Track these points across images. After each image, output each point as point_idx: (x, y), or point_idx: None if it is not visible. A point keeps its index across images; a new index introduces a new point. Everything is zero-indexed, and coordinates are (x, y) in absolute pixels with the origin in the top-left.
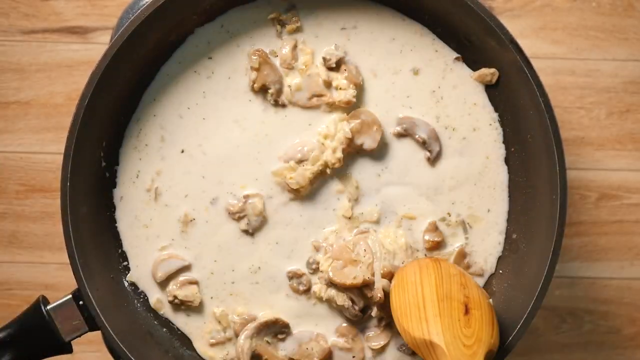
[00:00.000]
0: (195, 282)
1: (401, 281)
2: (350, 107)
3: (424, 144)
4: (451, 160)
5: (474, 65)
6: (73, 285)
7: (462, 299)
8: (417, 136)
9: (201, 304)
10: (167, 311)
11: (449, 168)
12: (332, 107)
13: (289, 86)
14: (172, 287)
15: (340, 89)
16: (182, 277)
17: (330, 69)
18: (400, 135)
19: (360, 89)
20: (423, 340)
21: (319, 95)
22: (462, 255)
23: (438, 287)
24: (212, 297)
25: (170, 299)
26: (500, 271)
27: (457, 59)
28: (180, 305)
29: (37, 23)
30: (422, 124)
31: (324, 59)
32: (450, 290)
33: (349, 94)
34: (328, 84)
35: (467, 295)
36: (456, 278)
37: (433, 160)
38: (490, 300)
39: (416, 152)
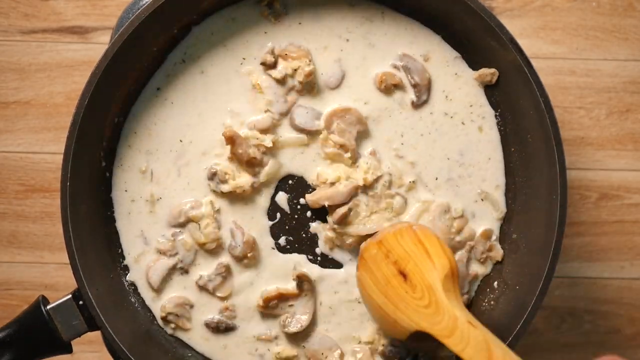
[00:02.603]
0: (191, 305)
1: (366, 306)
2: (312, 82)
3: (414, 87)
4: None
5: (474, 65)
6: (73, 285)
7: (394, 270)
8: (410, 77)
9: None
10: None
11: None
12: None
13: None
14: (167, 303)
15: (295, 70)
16: (177, 294)
17: (272, 66)
18: (391, 86)
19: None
20: (408, 337)
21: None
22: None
23: (376, 284)
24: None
25: (163, 315)
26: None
27: (456, 58)
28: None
29: (36, 23)
30: (420, 68)
31: (263, 64)
32: (383, 274)
33: (305, 66)
34: (284, 80)
35: (394, 262)
36: (379, 255)
37: (417, 105)
38: (412, 225)
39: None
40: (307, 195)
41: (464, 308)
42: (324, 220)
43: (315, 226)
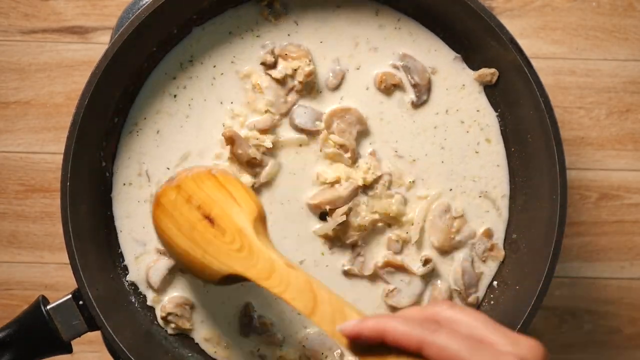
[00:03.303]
0: (192, 305)
1: (169, 253)
2: (312, 82)
3: (414, 87)
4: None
5: (474, 65)
6: (73, 285)
7: (199, 216)
8: (410, 77)
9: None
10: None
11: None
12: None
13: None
14: (167, 303)
15: (295, 70)
16: (177, 294)
17: (272, 66)
18: (391, 86)
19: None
20: (220, 280)
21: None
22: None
23: (179, 229)
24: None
25: (163, 315)
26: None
27: (456, 58)
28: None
29: (36, 23)
30: (420, 68)
31: (263, 63)
32: (187, 218)
33: (305, 66)
34: (284, 81)
35: (197, 206)
36: (179, 200)
37: (417, 106)
38: (212, 170)
39: None
40: (308, 199)
41: (279, 252)
42: (324, 220)
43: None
